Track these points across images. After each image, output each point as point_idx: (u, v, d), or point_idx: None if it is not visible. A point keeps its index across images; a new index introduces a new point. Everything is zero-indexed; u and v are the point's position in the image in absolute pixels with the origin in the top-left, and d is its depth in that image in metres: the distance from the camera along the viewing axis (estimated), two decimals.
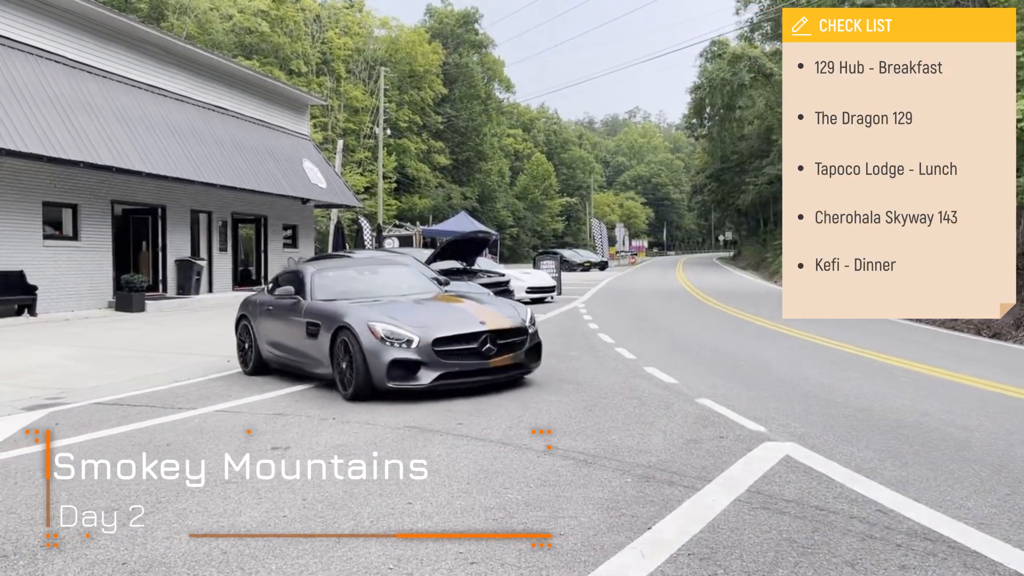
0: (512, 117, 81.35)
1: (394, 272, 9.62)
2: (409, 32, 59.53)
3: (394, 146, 53.64)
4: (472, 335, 7.45)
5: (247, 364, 9.18)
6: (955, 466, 5.06)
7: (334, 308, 7.86)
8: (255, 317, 9.10)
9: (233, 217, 24.33)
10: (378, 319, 7.38)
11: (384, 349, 7.16)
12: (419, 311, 7.86)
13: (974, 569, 3.38)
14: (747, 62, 43.47)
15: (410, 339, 7.20)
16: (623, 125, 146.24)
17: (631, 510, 4.16)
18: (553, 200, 78.21)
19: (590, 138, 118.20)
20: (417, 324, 7.38)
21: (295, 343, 8.26)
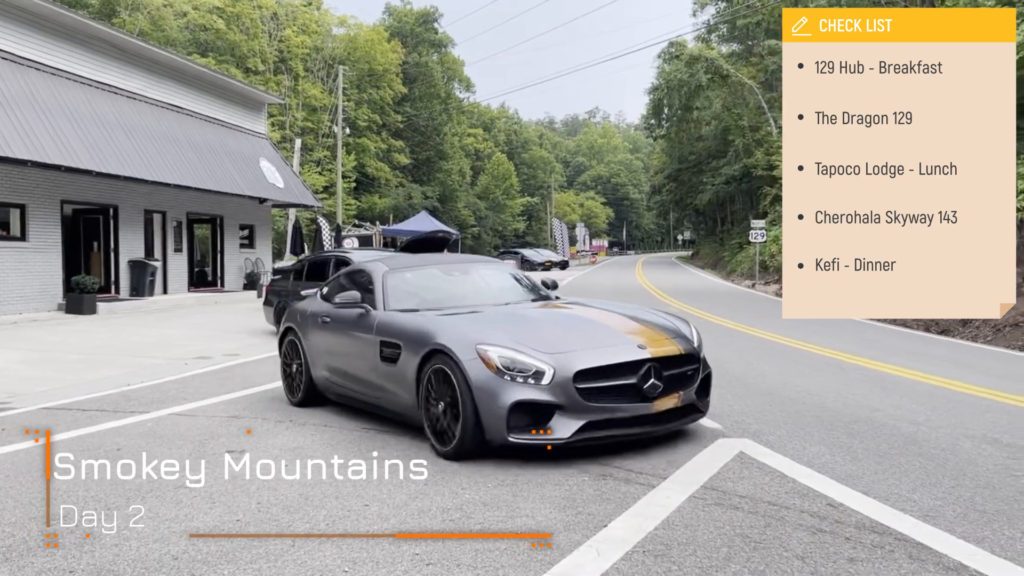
0: (472, 116, 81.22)
1: (489, 273, 7.37)
2: (368, 31, 59.10)
3: (353, 145, 53.23)
4: (628, 365, 5.21)
5: (294, 392, 7.17)
6: (903, 460, 5.18)
7: (421, 323, 5.72)
8: (305, 331, 7.09)
9: (188, 217, 23.94)
10: (491, 340, 5.23)
11: (503, 385, 4.98)
12: (542, 327, 5.67)
13: (919, 560, 3.46)
14: (704, 63, 43.96)
15: (540, 370, 5.01)
16: (583, 125, 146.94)
17: (588, 508, 4.18)
18: (514, 200, 78.27)
19: (550, 138, 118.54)
20: (547, 348, 5.20)
21: (363, 369, 6.22)
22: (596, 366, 5.11)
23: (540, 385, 4.98)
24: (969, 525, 3.94)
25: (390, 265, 6.89)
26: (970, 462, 5.15)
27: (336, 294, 6.80)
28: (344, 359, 6.52)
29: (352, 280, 6.99)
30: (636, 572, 3.37)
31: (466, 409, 5.04)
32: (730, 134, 48.12)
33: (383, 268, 6.76)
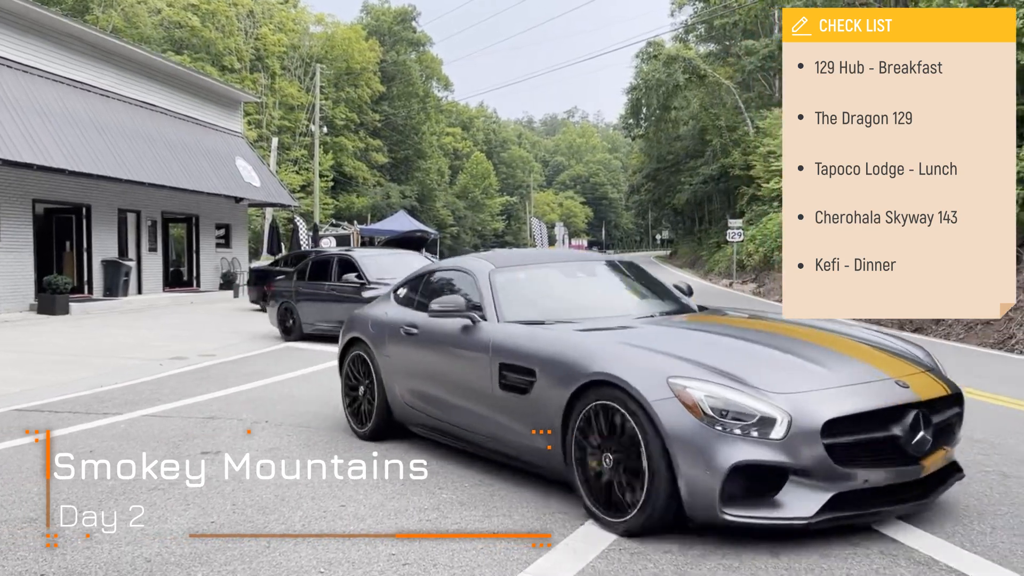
0: (451, 116, 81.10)
1: (615, 273, 5.99)
2: (345, 29, 58.84)
3: (331, 144, 52.98)
4: (890, 411, 3.74)
5: (362, 421, 5.86)
6: None
7: (566, 342, 4.31)
8: (380, 345, 5.71)
9: (163, 216, 23.71)
10: (687, 372, 3.75)
11: (716, 439, 3.53)
12: (747, 354, 4.18)
13: (890, 556, 3.51)
14: (682, 63, 44.19)
15: (769, 417, 3.54)
16: (562, 125, 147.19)
17: (564, 507, 4.19)
18: (493, 199, 78.29)
19: (529, 137, 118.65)
20: (769, 385, 3.70)
21: (469, 398, 4.85)
22: (851, 413, 3.63)
23: (769, 440, 3.51)
24: (940, 521, 3.99)
25: (495, 262, 5.43)
26: None
27: (434, 300, 5.13)
28: (440, 382, 5.15)
29: (444, 280, 5.67)
30: (613, 570, 3.38)
31: (655, 470, 3.62)
32: (707, 134, 48.41)
33: (488, 265, 5.30)
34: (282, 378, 8.71)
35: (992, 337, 12.91)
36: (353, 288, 11.70)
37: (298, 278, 13.15)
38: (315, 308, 12.49)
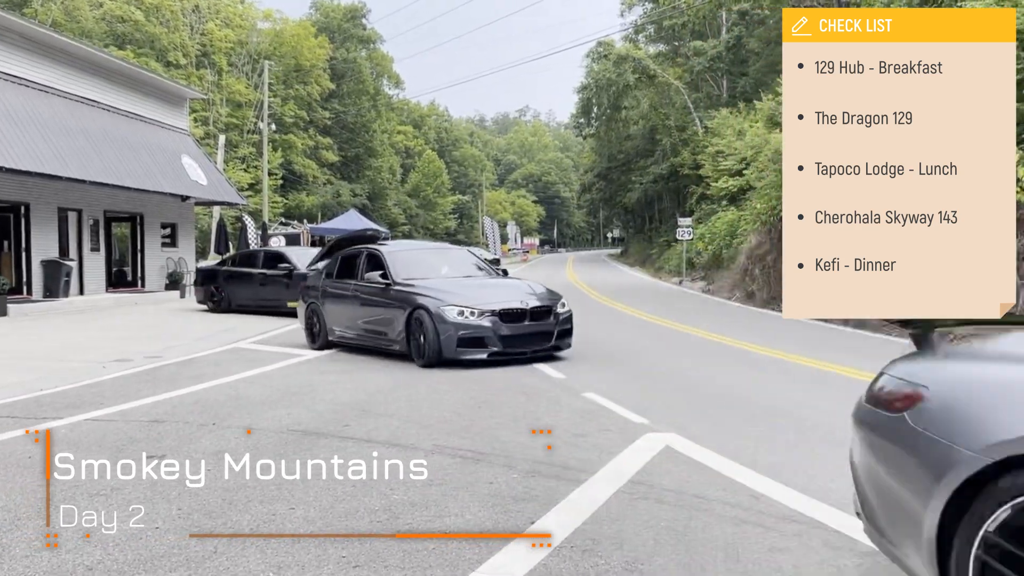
0: (402, 114, 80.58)
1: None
2: (294, 26, 58.04)
3: (280, 142, 52.21)
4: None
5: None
6: (822, 450, 5.34)
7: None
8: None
9: (106, 215, 23.10)
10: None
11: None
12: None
13: (836, 548, 3.58)
14: (632, 63, 44.58)
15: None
16: (513, 123, 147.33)
17: (517, 506, 4.19)
18: (445, 198, 77.98)
19: (481, 136, 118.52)
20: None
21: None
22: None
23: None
24: None
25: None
26: None
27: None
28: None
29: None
30: (564, 568, 3.39)
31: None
32: (657, 133, 48.90)
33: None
34: (230, 379, 8.55)
35: None
36: (379, 289, 10.24)
37: (327, 276, 11.60)
38: (340, 311, 10.96)
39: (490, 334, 9.13)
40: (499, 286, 10.33)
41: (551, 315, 9.60)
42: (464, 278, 10.57)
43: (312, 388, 7.89)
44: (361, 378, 8.51)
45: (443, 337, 9.04)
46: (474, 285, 10.15)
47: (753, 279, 23.18)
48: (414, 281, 9.98)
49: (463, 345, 9.08)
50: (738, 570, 3.34)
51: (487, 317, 9.15)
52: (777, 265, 21.93)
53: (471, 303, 9.28)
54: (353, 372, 8.96)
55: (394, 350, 9.83)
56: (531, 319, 9.37)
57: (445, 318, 9.08)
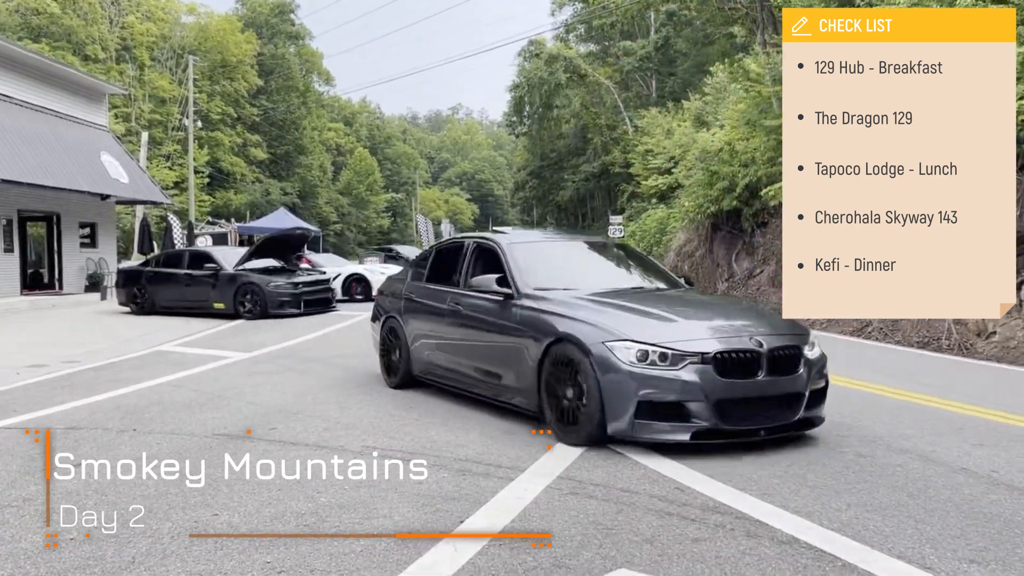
0: (333, 111, 79.38)
1: None
2: (220, 20, 56.59)
3: (206, 139, 50.87)
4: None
5: None
6: (745, 441, 5.46)
7: None
8: None
9: (20, 215, 22.14)
10: None
11: None
12: None
13: (756, 537, 3.68)
14: (563, 63, 44.88)
15: None
16: (447, 121, 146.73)
17: (446, 505, 4.18)
18: (378, 196, 77.09)
19: (414, 134, 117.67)
20: None
21: None
22: None
23: None
24: (802, 500, 4.22)
25: None
26: (804, 441, 5.51)
27: None
28: None
29: None
30: (492, 565, 3.40)
31: None
32: (589, 132, 49.34)
33: None
34: (153, 383, 8.30)
35: (851, 325, 13.75)
36: (493, 304, 6.42)
37: (414, 276, 8.02)
38: (429, 333, 7.36)
39: (697, 397, 5.04)
40: (694, 304, 6.23)
41: (799, 363, 5.34)
42: (633, 291, 6.37)
43: (239, 391, 7.72)
44: (290, 380, 8.36)
45: (610, 395, 5.13)
46: (651, 301, 5.99)
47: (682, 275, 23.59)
48: (550, 294, 6.10)
49: (648, 416, 5.09)
50: (663, 563, 3.40)
51: (691, 365, 5.07)
52: (705, 262, 22.40)
53: (660, 338, 5.22)
54: (282, 374, 8.80)
55: (517, 405, 6.09)
56: (769, 371, 5.19)
57: (614, 363, 5.13)
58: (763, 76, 18.85)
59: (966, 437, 5.67)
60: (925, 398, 7.22)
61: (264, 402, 7.11)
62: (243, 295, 15.73)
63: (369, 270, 21.21)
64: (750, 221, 19.97)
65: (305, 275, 17.24)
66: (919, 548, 3.55)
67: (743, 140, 19.76)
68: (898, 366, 9.57)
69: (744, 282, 19.90)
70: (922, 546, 3.57)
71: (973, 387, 8.07)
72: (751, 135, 19.30)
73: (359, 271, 21.15)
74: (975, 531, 3.77)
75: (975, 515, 4.01)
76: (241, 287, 15.77)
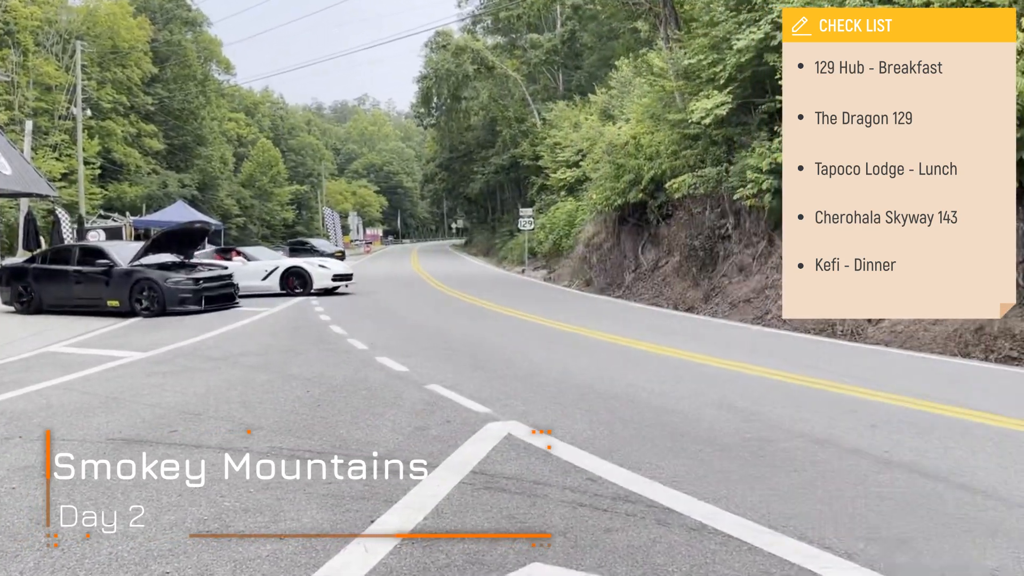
0: (234, 100, 76.87)
1: None
2: (110, 4, 53.88)
3: (97, 128, 48.44)
4: None
5: None
6: (654, 431, 5.57)
7: None
8: None
9: None
10: None
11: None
12: None
13: (666, 525, 3.73)
14: (471, 54, 44.78)
15: None
16: (353, 112, 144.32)
17: (356, 505, 4.09)
18: (282, 188, 75.13)
19: (319, 124, 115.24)
20: None
21: None
22: None
23: None
24: (710, 486, 4.32)
25: None
26: (710, 428, 5.65)
27: None
28: None
29: None
30: (404, 565, 3.33)
31: None
32: (498, 124, 49.44)
33: None
34: (41, 387, 7.83)
35: (752, 313, 14.22)
36: None
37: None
38: None
39: None
40: None
41: None
42: None
43: (136, 392, 7.37)
44: (192, 380, 8.04)
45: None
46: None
47: (591, 267, 23.93)
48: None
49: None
50: (576, 555, 3.41)
51: None
52: (613, 253, 22.76)
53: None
54: (183, 373, 8.45)
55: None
56: None
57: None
58: (666, 71, 19.25)
59: (860, 419, 5.93)
60: (823, 383, 7.52)
61: (164, 403, 6.81)
62: (139, 292, 15.04)
63: (308, 263, 20.59)
64: (655, 213, 20.38)
65: (206, 270, 16.63)
66: (819, 529, 3.67)
67: (648, 134, 20.14)
68: (797, 353, 9.94)
69: (650, 273, 20.31)
70: (822, 527, 3.70)
71: (865, 371, 8.45)
72: (655, 129, 19.69)
73: (299, 264, 20.46)
74: (870, 510, 3.94)
75: (869, 495, 4.19)
76: (137, 283, 15.07)
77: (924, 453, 4.99)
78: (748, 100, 16.23)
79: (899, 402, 6.61)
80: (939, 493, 4.22)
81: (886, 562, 3.31)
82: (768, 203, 14.72)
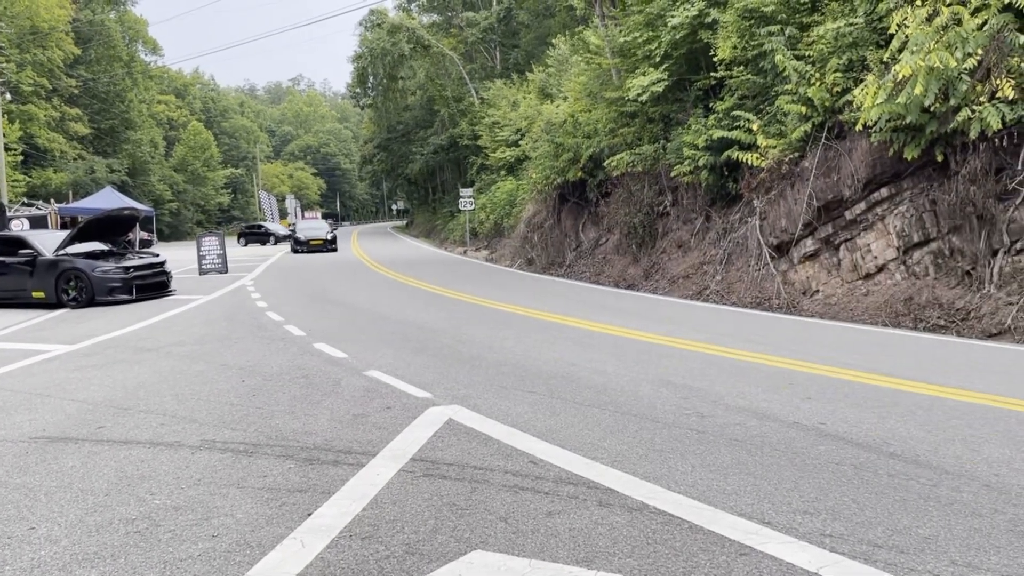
0: (162, 82, 74.48)
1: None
2: None
3: (17, 113, 46.44)
4: None
5: None
6: (595, 410, 5.57)
7: None
8: None
9: None
10: None
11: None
12: None
13: (607, 506, 3.72)
14: (406, 33, 44.12)
15: None
16: (287, 93, 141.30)
17: (292, 498, 3.98)
18: (216, 172, 73.22)
19: (253, 106, 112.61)
20: None
21: None
22: None
23: None
24: (650, 464, 4.32)
25: None
26: (650, 406, 5.67)
27: None
28: None
29: None
30: (342, 559, 3.25)
31: None
32: (435, 104, 48.94)
33: None
34: None
35: (691, 289, 14.39)
36: None
37: None
38: None
39: None
40: None
41: None
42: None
43: (62, 387, 7.08)
44: (121, 373, 7.76)
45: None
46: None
47: (532, 246, 23.93)
48: None
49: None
50: (517, 540, 3.37)
51: None
52: (554, 232, 22.77)
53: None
54: (112, 366, 8.16)
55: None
56: None
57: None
58: (603, 48, 19.24)
59: (796, 392, 6.03)
60: (760, 356, 7.63)
61: (91, 398, 6.56)
62: (66, 282, 14.49)
63: None
64: (595, 191, 20.44)
65: (137, 258, 16.10)
66: (758, 504, 3.71)
67: (586, 112, 20.14)
68: (735, 327, 10.08)
69: (591, 251, 20.40)
70: (761, 502, 3.73)
71: (800, 343, 8.62)
72: (593, 107, 19.70)
73: None
74: (807, 483, 4.00)
75: (806, 467, 4.25)
76: (63, 273, 14.51)
77: (857, 424, 5.09)
78: (684, 77, 16.34)
79: (833, 373, 6.74)
80: (873, 463, 4.30)
81: (823, 534, 3.35)
82: (704, 179, 14.87)
